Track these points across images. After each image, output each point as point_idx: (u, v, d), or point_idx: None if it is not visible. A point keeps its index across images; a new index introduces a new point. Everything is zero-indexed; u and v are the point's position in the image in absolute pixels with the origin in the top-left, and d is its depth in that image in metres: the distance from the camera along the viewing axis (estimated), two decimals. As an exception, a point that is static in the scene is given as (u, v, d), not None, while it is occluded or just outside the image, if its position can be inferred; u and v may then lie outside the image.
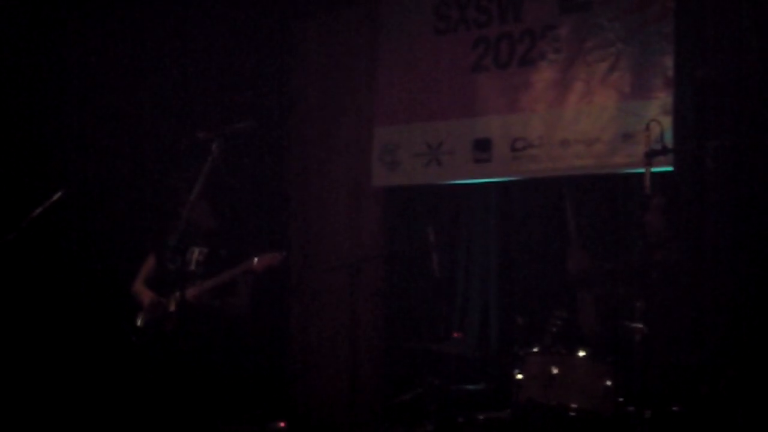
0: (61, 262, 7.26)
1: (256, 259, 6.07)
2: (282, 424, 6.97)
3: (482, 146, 7.48)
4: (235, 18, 8.34)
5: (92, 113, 7.54)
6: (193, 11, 8.05)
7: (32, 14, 7.21)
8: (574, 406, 5.48)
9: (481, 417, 6.04)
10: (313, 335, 8.35)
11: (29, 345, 6.98)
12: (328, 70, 8.42)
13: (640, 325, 5.26)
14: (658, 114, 6.37)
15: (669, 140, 6.19)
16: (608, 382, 5.46)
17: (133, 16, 7.74)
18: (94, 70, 7.55)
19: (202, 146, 5.07)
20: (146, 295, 6.28)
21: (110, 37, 7.66)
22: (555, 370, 5.56)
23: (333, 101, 8.37)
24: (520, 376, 5.73)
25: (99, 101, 7.58)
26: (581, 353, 5.63)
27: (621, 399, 5.46)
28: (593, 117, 6.97)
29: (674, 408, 5.43)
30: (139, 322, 6.25)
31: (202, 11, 8.10)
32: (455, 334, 6.68)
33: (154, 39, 7.89)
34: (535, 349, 5.79)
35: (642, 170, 5.44)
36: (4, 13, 7.01)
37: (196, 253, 6.25)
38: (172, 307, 5.99)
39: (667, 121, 6.38)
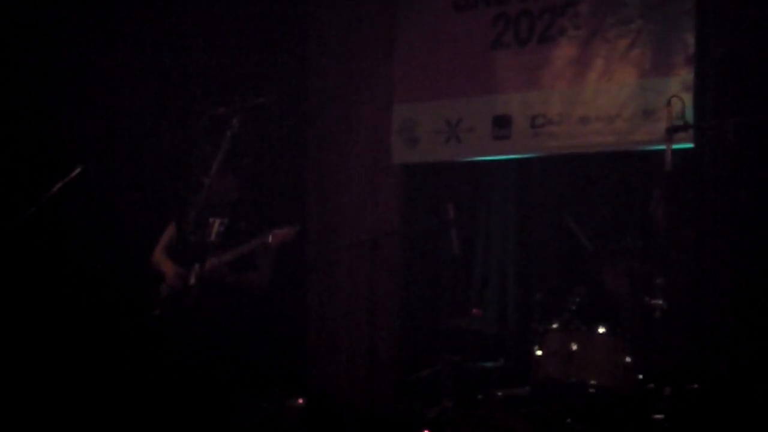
0: (80, 238, 7.28)
1: (271, 234, 6.10)
2: (300, 401, 6.98)
3: (502, 123, 7.46)
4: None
5: (113, 90, 7.55)
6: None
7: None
8: (593, 382, 5.47)
9: (499, 394, 6.05)
10: (331, 311, 8.36)
11: (46, 322, 7.01)
12: (347, 46, 8.39)
13: (660, 302, 5.26)
14: (679, 91, 6.31)
15: (690, 117, 6.14)
16: (628, 359, 5.45)
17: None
18: (116, 47, 7.56)
19: (222, 121, 5.08)
20: (168, 266, 6.30)
21: (131, 14, 7.66)
22: (574, 347, 5.55)
23: (352, 78, 8.35)
24: (539, 353, 5.73)
25: (120, 78, 7.59)
26: (601, 329, 5.61)
27: (641, 376, 5.45)
28: (613, 94, 6.93)
29: (694, 385, 5.42)
30: (161, 294, 6.27)
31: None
32: (474, 311, 6.65)
33: (176, 16, 7.88)
34: (555, 326, 5.78)
35: (663, 147, 5.44)
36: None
37: (216, 224, 6.25)
38: (193, 281, 6.00)
39: (688, 98, 6.32)
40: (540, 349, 5.73)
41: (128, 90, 7.65)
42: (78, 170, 5.59)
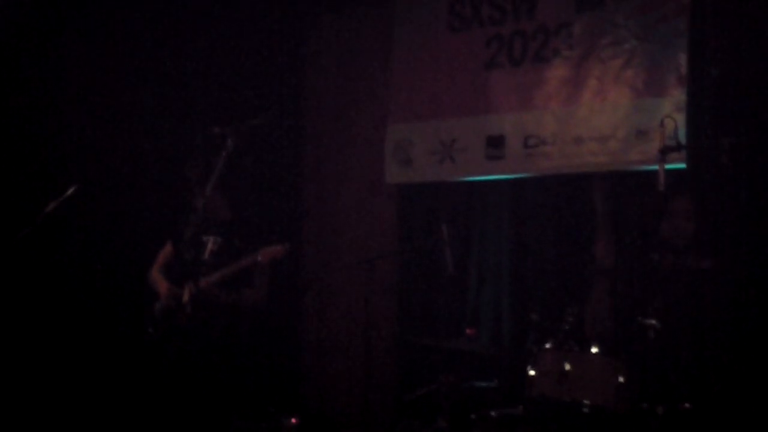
0: (76, 258, 7.29)
1: (260, 253, 6.12)
2: (294, 421, 6.98)
3: (495, 143, 7.47)
4: (251, 13, 8.35)
5: (107, 108, 7.55)
6: (209, 7, 8.07)
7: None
8: (587, 402, 5.46)
9: (493, 413, 6.04)
10: (327, 331, 8.38)
11: (42, 340, 7.01)
12: (343, 66, 8.44)
13: (653, 322, 5.27)
14: (671, 111, 6.33)
15: (682, 137, 6.17)
16: (621, 379, 5.45)
17: (148, 9, 7.76)
18: (108, 64, 7.57)
19: (216, 141, 5.10)
20: (163, 285, 6.31)
21: (123, 32, 7.67)
22: (568, 366, 5.55)
23: (347, 98, 8.40)
24: (532, 372, 5.72)
25: (113, 96, 7.59)
26: (594, 349, 5.62)
27: (634, 396, 5.45)
28: (607, 114, 6.94)
29: (686, 405, 5.43)
30: (155, 312, 6.28)
31: (218, 6, 8.12)
32: (468, 331, 6.66)
33: (169, 33, 7.89)
34: (548, 345, 5.78)
35: (655, 167, 5.46)
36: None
37: (210, 243, 6.27)
38: (186, 298, 6.01)
39: (680, 118, 6.35)
40: (534, 369, 5.72)
41: (123, 108, 7.66)
42: (72, 189, 5.60)
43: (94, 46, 7.48)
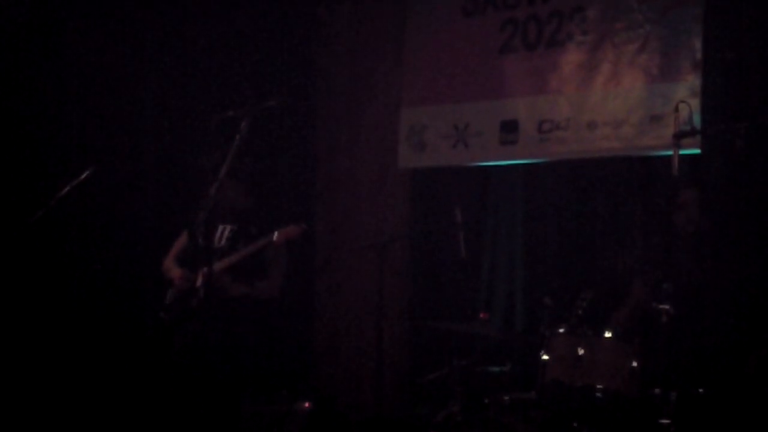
0: (88, 241, 7.31)
1: (276, 233, 6.12)
2: (307, 405, 6.99)
3: (509, 128, 7.47)
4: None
5: (122, 93, 7.57)
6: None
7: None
8: (600, 387, 5.47)
9: (506, 398, 6.04)
10: (339, 315, 8.39)
11: (56, 323, 7.04)
12: (356, 51, 8.43)
13: (666, 307, 5.27)
14: (686, 96, 6.31)
15: (697, 123, 6.16)
16: (634, 364, 5.45)
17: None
18: (124, 49, 7.58)
19: (231, 124, 5.09)
20: (176, 272, 6.33)
21: (139, 16, 7.68)
22: (581, 351, 5.56)
23: (360, 82, 8.38)
24: (545, 357, 5.72)
25: (128, 81, 7.62)
26: (608, 334, 5.62)
27: (647, 381, 5.45)
28: (621, 99, 6.94)
29: (700, 390, 5.43)
30: (167, 299, 6.29)
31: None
32: (482, 315, 6.66)
33: (184, 17, 7.91)
34: (561, 330, 5.78)
35: (669, 153, 5.44)
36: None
37: (226, 231, 6.29)
38: (199, 282, 6.01)
39: (695, 104, 6.34)
40: (547, 354, 5.73)
41: (135, 94, 7.68)
42: (88, 172, 5.59)
43: (105, 29, 7.50)
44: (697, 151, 6.36)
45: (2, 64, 6.96)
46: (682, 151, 5.36)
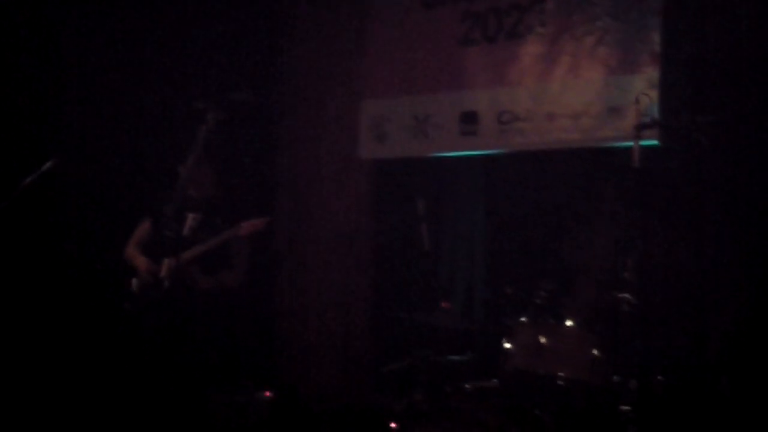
0: (52, 232, 7.28)
1: (242, 225, 6.16)
2: (267, 394, 7.02)
3: (469, 119, 7.52)
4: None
5: (88, 84, 7.53)
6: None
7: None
8: (561, 375, 5.56)
9: (468, 386, 6.10)
10: (302, 306, 8.40)
11: (18, 314, 7.00)
12: (318, 42, 8.44)
13: (627, 296, 5.34)
14: (644, 88, 6.36)
15: (655, 114, 6.27)
16: (596, 352, 5.53)
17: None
18: (91, 42, 7.54)
19: (197, 115, 5.10)
20: (141, 261, 6.32)
21: (105, 9, 7.64)
22: (543, 340, 5.64)
23: (323, 74, 8.40)
24: (508, 346, 5.80)
25: (94, 73, 7.57)
26: (569, 323, 5.70)
27: (608, 369, 5.53)
28: (580, 91, 6.98)
29: (659, 377, 5.51)
30: (133, 288, 6.29)
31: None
32: (443, 304, 6.72)
33: (148, 11, 7.87)
34: (524, 319, 5.86)
35: (628, 144, 5.52)
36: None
37: (190, 219, 6.29)
38: (164, 273, 6.03)
39: (654, 95, 6.42)
40: (509, 342, 5.80)
41: (104, 84, 7.62)
42: (50, 163, 5.57)
43: (72, 20, 7.46)
44: (656, 142, 6.44)
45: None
46: (641, 142, 5.44)
